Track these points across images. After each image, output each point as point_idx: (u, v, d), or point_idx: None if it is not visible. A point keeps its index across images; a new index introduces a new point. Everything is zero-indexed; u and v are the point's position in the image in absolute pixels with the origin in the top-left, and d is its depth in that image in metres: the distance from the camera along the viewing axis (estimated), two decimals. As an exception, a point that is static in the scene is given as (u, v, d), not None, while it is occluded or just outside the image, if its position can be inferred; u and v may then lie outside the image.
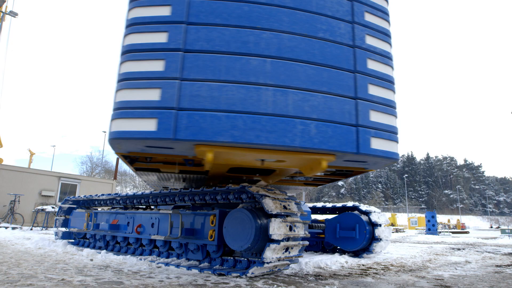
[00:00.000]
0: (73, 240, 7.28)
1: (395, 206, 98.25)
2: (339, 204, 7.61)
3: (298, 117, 3.05)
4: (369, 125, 3.30)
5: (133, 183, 71.38)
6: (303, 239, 4.48)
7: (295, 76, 3.13)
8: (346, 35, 3.41)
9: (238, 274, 3.99)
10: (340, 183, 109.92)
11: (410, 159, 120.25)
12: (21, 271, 3.96)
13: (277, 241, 3.85)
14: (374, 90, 3.40)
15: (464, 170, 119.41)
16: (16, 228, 12.88)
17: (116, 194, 6.35)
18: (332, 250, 7.33)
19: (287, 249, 4.09)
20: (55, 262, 4.83)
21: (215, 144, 3.00)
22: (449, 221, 51.63)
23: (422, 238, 17.29)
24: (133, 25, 3.22)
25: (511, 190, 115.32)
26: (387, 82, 3.55)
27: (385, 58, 3.61)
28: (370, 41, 3.52)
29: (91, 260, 5.16)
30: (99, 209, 7.08)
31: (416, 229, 35.83)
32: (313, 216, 8.31)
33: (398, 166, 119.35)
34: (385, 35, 3.68)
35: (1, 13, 18.75)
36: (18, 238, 8.64)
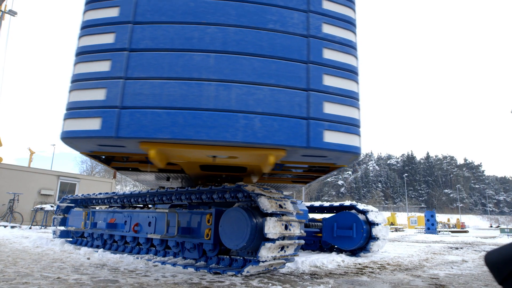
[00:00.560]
0: (71, 239, 7.29)
1: (395, 205, 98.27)
2: (336, 203, 7.62)
3: (241, 112, 2.98)
4: (322, 117, 3.14)
5: (133, 182, 71.41)
6: (299, 238, 4.49)
7: (240, 69, 3.06)
8: (300, 25, 3.27)
9: (234, 273, 4.00)
10: (340, 182, 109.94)
11: (410, 158, 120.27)
12: (17, 270, 3.97)
13: (272, 240, 3.86)
14: (330, 81, 3.24)
15: (464, 169, 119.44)
16: (15, 227, 12.90)
17: (113, 193, 6.36)
18: (329, 249, 7.34)
19: (282, 248, 4.10)
20: (52, 260, 4.85)
21: (156, 141, 3.04)
22: (448, 220, 51.67)
23: (421, 237, 17.31)
24: (86, 28, 3.31)
25: (511, 190, 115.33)
26: (347, 71, 3.37)
27: (346, 46, 3.42)
28: (328, 29, 3.36)
29: (88, 258, 5.17)
30: (97, 208, 7.09)
31: (416, 228, 35.86)
32: (311, 215, 8.32)
33: (398, 165, 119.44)
34: (347, 23, 3.50)
35: (1, 12, 18.74)
36: (17, 236, 8.65)
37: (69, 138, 3.12)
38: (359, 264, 5.54)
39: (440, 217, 60.42)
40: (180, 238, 4.79)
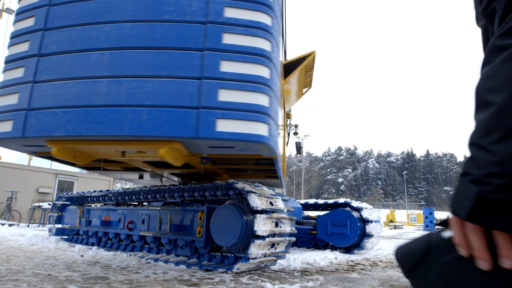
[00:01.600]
0: (66, 237, 7.32)
1: (394, 202, 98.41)
2: (331, 201, 7.65)
3: (129, 106, 3.01)
4: (215, 105, 3.02)
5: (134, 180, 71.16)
6: (291, 235, 4.52)
7: (132, 64, 3.08)
8: (199, 12, 3.17)
9: (224, 270, 4.02)
10: (340, 179, 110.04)
11: (410, 156, 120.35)
12: (9, 267, 4.00)
13: (262, 237, 3.89)
14: (229, 67, 3.10)
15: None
16: (13, 225, 12.94)
17: (107, 190, 6.39)
18: (324, 246, 7.37)
19: (273, 245, 4.13)
20: (45, 258, 4.87)
21: (56, 139, 3.22)
22: (448, 217, 51.70)
23: (419, 235, 17.32)
24: (12, 38, 3.57)
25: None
26: (253, 55, 3.17)
27: (253, 29, 3.21)
28: (232, 13, 3.20)
29: (82, 256, 5.20)
30: (92, 205, 7.12)
31: (415, 225, 35.89)
32: (306, 213, 8.35)
33: (398, 163, 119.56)
34: (257, 4, 3.28)
35: (-2, 10, 18.72)
36: (13, 234, 8.69)
37: None
38: (352, 261, 5.57)
39: (440, 215, 60.47)
40: (172, 235, 4.81)
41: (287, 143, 9.42)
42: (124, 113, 2.99)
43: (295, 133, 24.36)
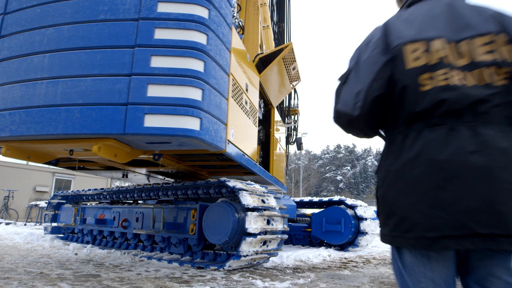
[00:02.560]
0: (62, 235, 7.34)
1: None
2: (325, 198, 7.67)
3: (64, 105, 3.09)
4: (143, 101, 3.02)
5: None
6: (283, 232, 4.54)
7: (68, 65, 3.16)
8: (132, 10, 3.18)
9: (216, 267, 4.04)
10: (338, 177, 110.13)
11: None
12: (2, 265, 4.01)
13: (254, 235, 3.90)
14: (160, 62, 3.10)
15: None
16: (10, 223, 12.95)
17: (102, 189, 6.40)
18: (319, 244, 7.40)
19: (264, 243, 4.15)
20: (39, 256, 4.89)
21: (3, 140, 3.36)
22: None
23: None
24: None
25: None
26: (184, 49, 3.15)
27: (185, 22, 3.18)
28: (165, 8, 3.20)
29: (76, 254, 5.22)
30: (88, 204, 7.12)
31: (413, 223, 35.93)
32: (302, 211, 8.37)
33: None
34: None
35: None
36: (9, 233, 8.70)
37: None
38: (345, 258, 5.59)
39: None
40: (166, 233, 4.83)
41: (293, 141, 9.41)
42: (59, 112, 3.09)
43: (294, 129, 24.32)
